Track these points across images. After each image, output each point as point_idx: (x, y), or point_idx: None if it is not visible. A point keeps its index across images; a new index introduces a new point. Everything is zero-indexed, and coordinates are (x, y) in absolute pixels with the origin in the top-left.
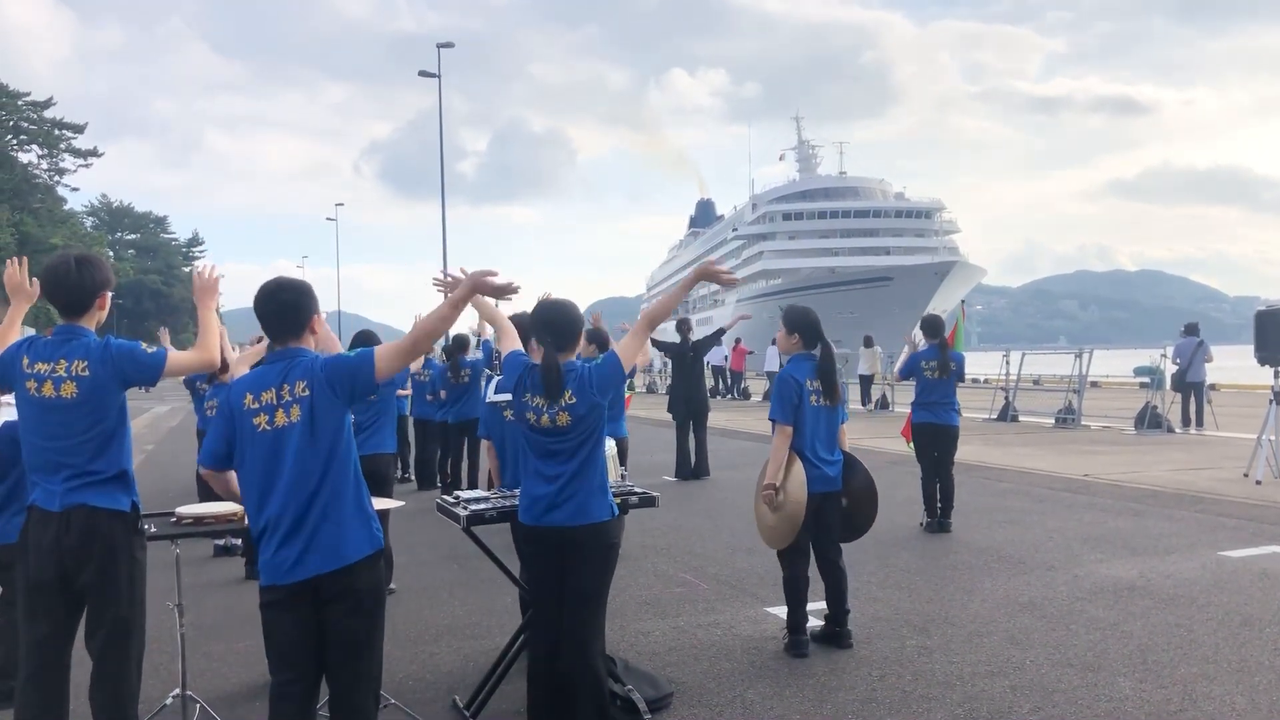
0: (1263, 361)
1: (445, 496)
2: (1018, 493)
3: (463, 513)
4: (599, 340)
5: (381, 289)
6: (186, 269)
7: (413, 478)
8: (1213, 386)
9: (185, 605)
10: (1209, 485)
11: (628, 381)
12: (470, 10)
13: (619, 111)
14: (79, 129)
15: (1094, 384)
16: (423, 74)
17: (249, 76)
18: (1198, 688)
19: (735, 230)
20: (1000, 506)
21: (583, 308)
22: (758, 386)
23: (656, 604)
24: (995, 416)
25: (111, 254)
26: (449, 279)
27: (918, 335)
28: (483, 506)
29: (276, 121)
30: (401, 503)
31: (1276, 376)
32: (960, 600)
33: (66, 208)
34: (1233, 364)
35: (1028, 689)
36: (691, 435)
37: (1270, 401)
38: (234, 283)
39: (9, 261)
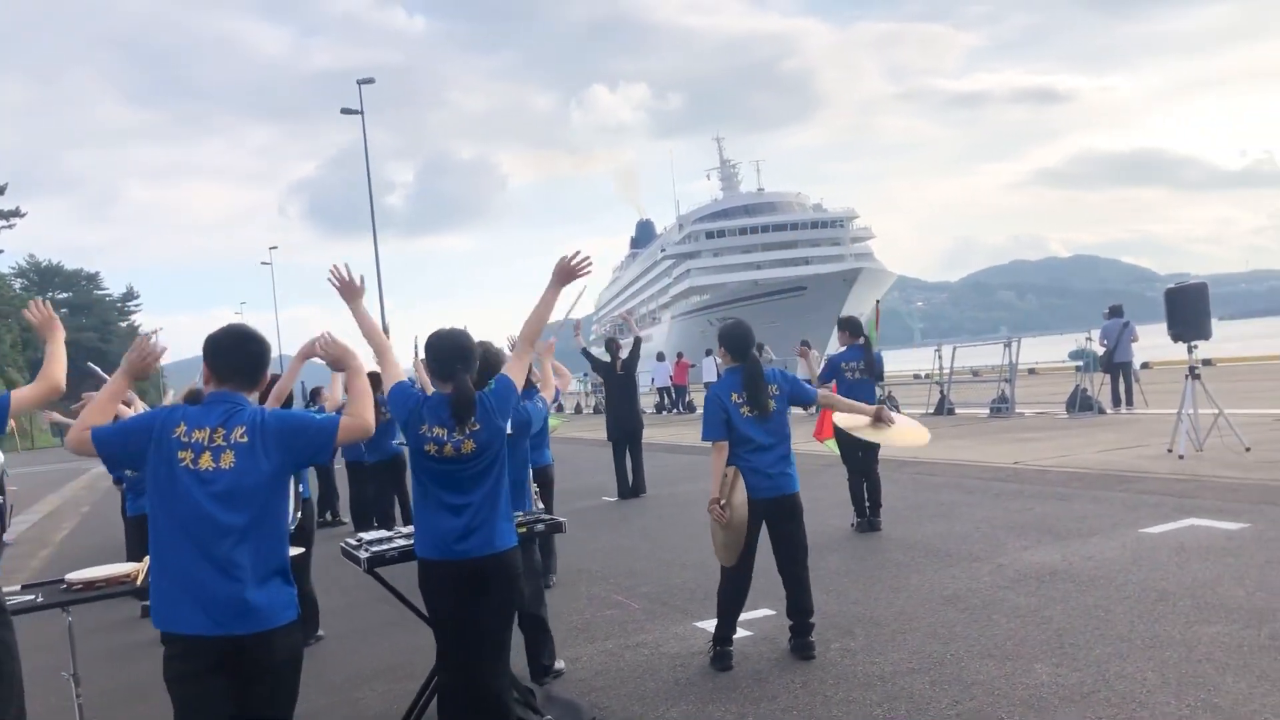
0: (1176, 338)
1: (349, 539)
2: (949, 486)
3: (364, 555)
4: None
5: (325, 328)
6: (123, 324)
7: (348, 520)
8: (1146, 365)
9: (91, 673)
10: (1134, 464)
11: (554, 409)
12: (388, 44)
13: (546, 135)
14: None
15: (1031, 371)
16: (345, 111)
17: (166, 125)
18: (1111, 667)
19: (664, 250)
20: (931, 501)
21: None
22: (701, 399)
23: (587, 629)
24: (932, 411)
25: None
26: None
27: (812, 349)
28: (385, 547)
29: (199, 169)
30: (300, 549)
31: (1191, 353)
32: (886, 598)
33: None
34: (1165, 341)
35: (947, 683)
36: (628, 454)
37: (1186, 377)
38: (174, 335)
39: None
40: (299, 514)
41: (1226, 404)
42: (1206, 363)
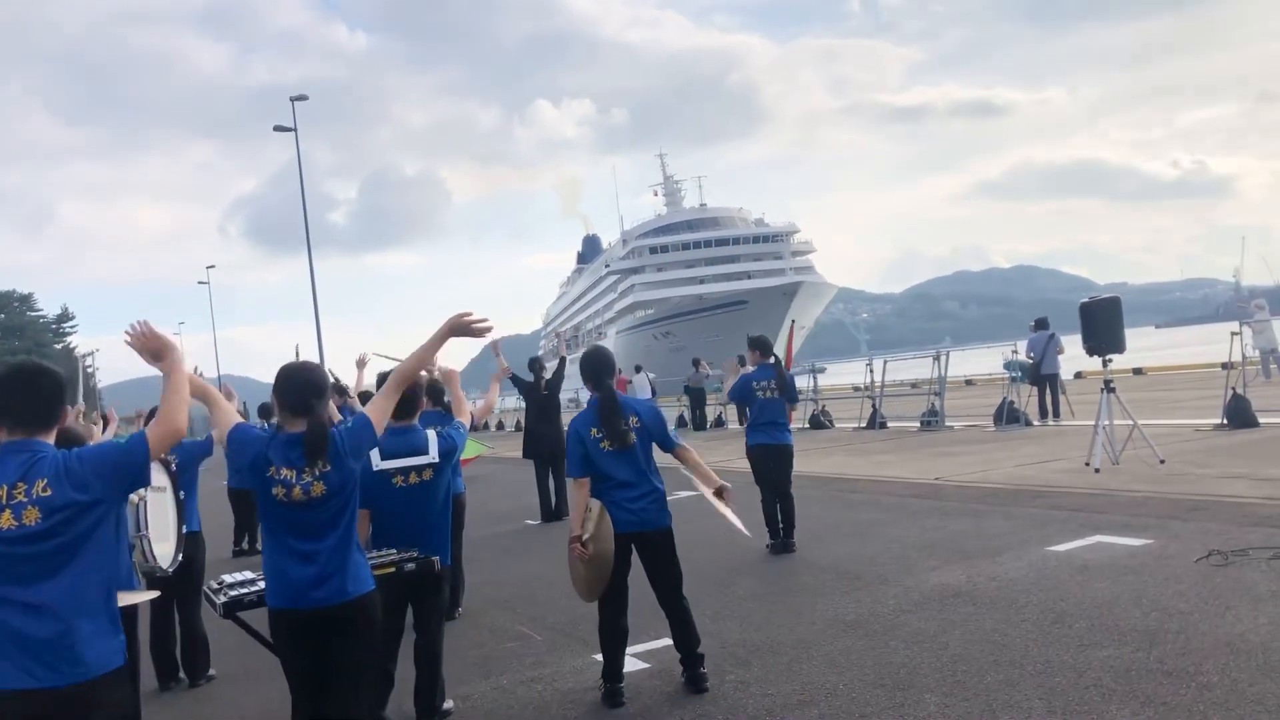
0: (1090, 352)
1: (212, 582)
2: (869, 503)
3: (221, 600)
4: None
5: (265, 349)
6: (58, 346)
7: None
8: (1079, 375)
9: None
10: (1051, 478)
11: (469, 439)
12: (329, 59)
13: (491, 150)
14: None
15: (968, 382)
16: (278, 129)
17: (102, 143)
18: (1000, 696)
19: (608, 266)
20: (849, 519)
21: (479, 349)
22: None
23: (484, 664)
24: (864, 425)
25: None
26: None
27: (747, 365)
28: (243, 591)
29: (137, 187)
30: (156, 593)
31: (1105, 365)
32: (788, 624)
33: None
34: None
35: (836, 716)
36: (550, 475)
37: (1101, 390)
38: (112, 358)
39: None
40: (180, 555)
41: (1152, 415)
42: (1138, 371)
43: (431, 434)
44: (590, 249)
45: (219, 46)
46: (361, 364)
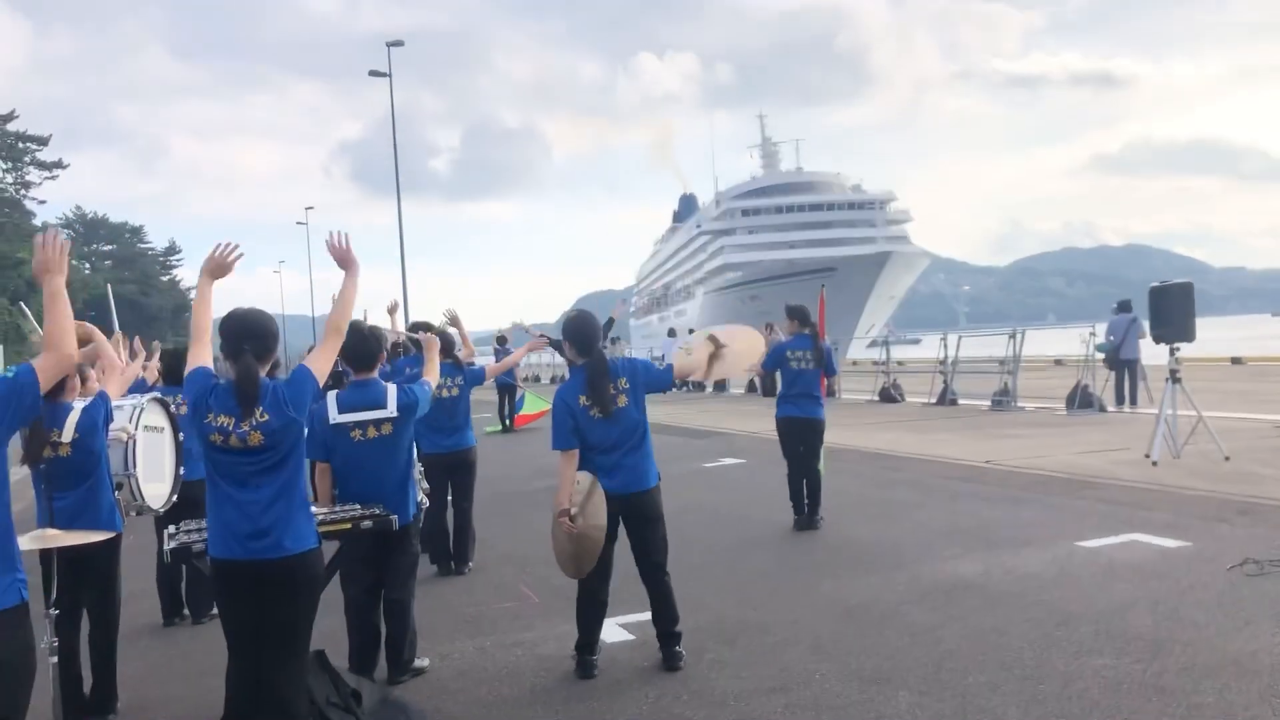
0: (1158, 339)
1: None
2: (910, 483)
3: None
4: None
5: (363, 291)
6: (165, 278)
7: None
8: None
9: None
10: (1106, 468)
11: (533, 395)
12: (436, 5)
13: (592, 103)
14: (43, 141)
15: (1057, 362)
16: (373, 74)
17: (213, 81)
18: (978, 699)
19: (700, 226)
20: (884, 499)
21: (570, 303)
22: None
23: (476, 622)
24: (934, 400)
25: (87, 266)
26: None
27: (777, 329)
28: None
29: (245, 126)
30: (110, 534)
31: (1172, 354)
32: (786, 605)
33: (36, 222)
34: (1206, 335)
35: (802, 706)
36: None
37: (1167, 380)
38: (215, 292)
39: None
40: (174, 497)
41: (1236, 407)
42: (1236, 361)
43: (391, 388)
44: (686, 207)
45: None
46: (392, 310)
